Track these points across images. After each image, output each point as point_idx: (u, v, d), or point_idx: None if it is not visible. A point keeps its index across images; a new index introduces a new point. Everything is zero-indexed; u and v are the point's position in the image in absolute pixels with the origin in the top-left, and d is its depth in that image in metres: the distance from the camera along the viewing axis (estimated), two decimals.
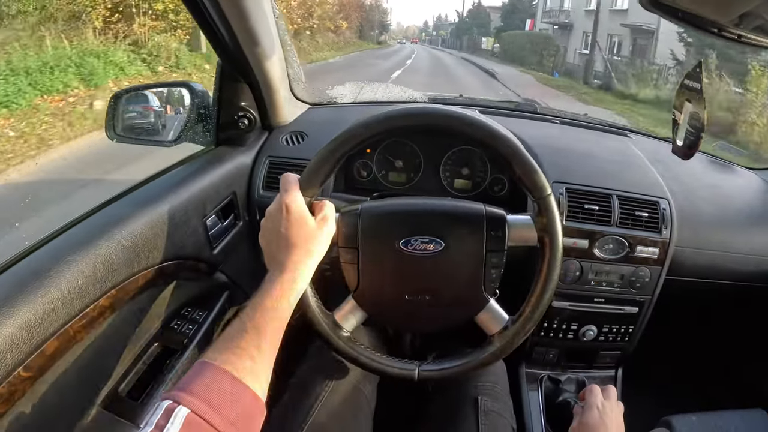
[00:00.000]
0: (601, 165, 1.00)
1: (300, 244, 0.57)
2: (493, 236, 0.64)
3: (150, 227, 0.72)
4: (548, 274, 0.63)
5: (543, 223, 0.63)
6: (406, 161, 0.99)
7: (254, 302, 0.52)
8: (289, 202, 0.58)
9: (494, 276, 0.65)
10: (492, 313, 0.67)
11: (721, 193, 1.09)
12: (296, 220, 0.58)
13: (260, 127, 0.99)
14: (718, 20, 0.76)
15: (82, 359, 0.65)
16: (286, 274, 0.55)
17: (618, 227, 0.91)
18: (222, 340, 0.48)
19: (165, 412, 0.41)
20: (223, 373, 0.45)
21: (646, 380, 1.14)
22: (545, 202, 0.62)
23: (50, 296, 0.56)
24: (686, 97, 0.84)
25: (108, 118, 0.94)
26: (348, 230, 0.64)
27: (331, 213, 0.62)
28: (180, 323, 0.90)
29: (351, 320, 0.67)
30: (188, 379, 0.45)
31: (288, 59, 0.98)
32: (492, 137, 0.61)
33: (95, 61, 5.91)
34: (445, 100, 1.25)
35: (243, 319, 0.50)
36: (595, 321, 0.97)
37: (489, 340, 0.67)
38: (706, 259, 0.99)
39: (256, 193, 0.96)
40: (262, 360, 0.49)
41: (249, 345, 0.48)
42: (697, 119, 0.83)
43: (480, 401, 0.77)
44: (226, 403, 0.43)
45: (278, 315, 0.53)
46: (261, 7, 0.81)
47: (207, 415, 0.41)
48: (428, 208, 0.67)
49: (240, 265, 0.96)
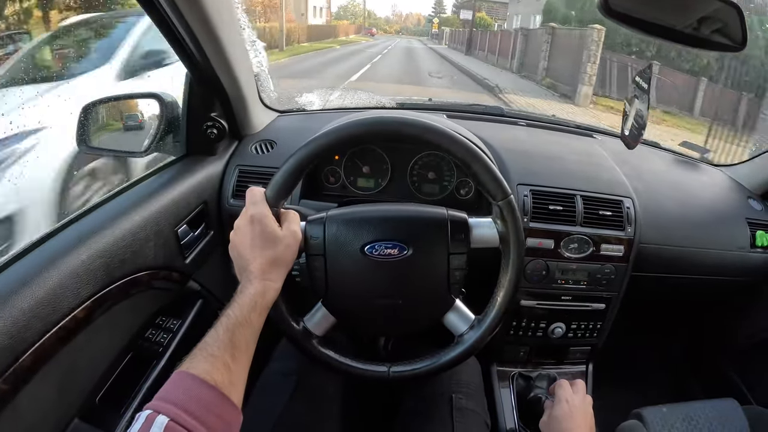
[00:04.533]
0: (566, 166, 1.02)
1: (268, 254, 0.59)
2: (455, 239, 0.66)
3: (122, 238, 0.74)
4: (511, 274, 0.66)
5: (504, 226, 0.66)
6: (373, 167, 1.01)
7: (227, 314, 0.54)
8: (256, 215, 0.60)
9: (458, 277, 0.67)
10: (458, 313, 0.69)
11: (685, 190, 1.12)
12: (263, 232, 0.60)
13: (230, 136, 0.99)
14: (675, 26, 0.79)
15: (58, 371, 0.66)
16: (256, 285, 0.57)
17: (582, 226, 0.93)
18: (199, 350, 0.50)
19: (146, 422, 0.42)
20: (200, 382, 0.47)
21: (617, 374, 1.17)
22: (506, 204, 0.64)
23: (25, 310, 0.57)
24: (635, 93, 0.87)
25: (78, 129, 0.94)
26: (314, 238, 0.66)
27: (296, 222, 0.64)
28: (155, 332, 0.91)
29: (322, 326, 0.69)
30: (167, 389, 0.46)
31: (256, 68, 1.00)
32: (451, 142, 0.63)
33: None
34: (414, 105, 1.26)
35: (218, 330, 0.52)
36: (563, 318, 1.00)
37: (457, 340, 0.69)
38: (670, 254, 1.02)
39: (226, 201, 0.97)
40: (238, 369, 0.51)
41: (224, 354, 0.50)
42: (641, 117, 0.86)
43: (454, 399, 0.79)
44: (204, 411, 0.45)
45: (251, 326, 0.55)
46: (227, 18, 0.82)
47: (186, 423, 0.43)
48: (391, 214, 0.69)
49: (213, 273, 0.97)
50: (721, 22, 0.75)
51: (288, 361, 0.80)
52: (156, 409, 0.43)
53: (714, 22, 0.76)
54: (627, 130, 0.92)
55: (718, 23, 0.75)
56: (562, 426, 0.77)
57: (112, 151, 0.96)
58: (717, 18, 0.75)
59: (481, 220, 0.69)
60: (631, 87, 0.91)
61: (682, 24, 0.77)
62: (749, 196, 1.15)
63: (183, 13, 0.73)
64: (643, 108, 0.85)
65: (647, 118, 0.88)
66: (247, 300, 0.56)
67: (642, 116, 0.85)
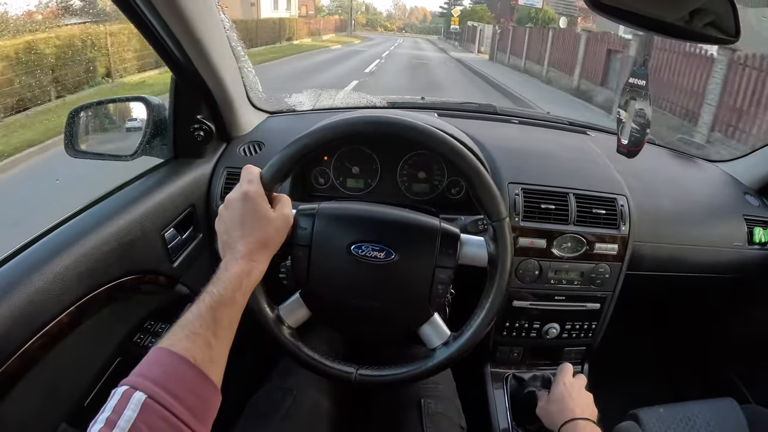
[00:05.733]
0: (559, 164, 1.01)
1: (257, 235, 0.58)
2: (444, 252, 0.65)
3: (107, 243, 0.73)
4: (494, 297, 0.65)
5: (495, 247, 0.65)
6: (363, 167, 1.00)
7: (210, 291, 0.53)
8: (250, 193, 0.59)
9: (440, 291, 0.66)
10: (434, 327, 0.68)
11: (680, 186, 1.10)
12: (255, 210, 0.59)
13: (218, 138, 0.99)
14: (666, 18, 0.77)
15: (44, 376, 0.66)
16: (242, 265, 0.56)
17: (576, 225, 0.92)
18: (179, 326, 0.49)
19: (122, 398, 0.41)
20: (179, 358, 0.45)
21: (613, 375, 1.15)
22: (500, 226, 0.64)
23: (6, 317, 0.57)
24: (631, 95, 0.85)
25: (66, 134, 0.93)
26: (302, 229, 0.65)
27: (289, 207, 0.64)
28: (143, 336, 0.91)
29: (295, 316, 0.68)
30: (145, 365, 0.45)
31: (243, 69, 0.99)
32: (455, 154, 0.63)
33: None
34: (405, 104, 1.25)
35: (200, 307, 0.51)
36: (557, 319, 0.99)
37: (428, 354, 0.68)
38: (665, 253, 1.01)
39: (214, 204, 0.96)
40: (219, 347, 0.50)
41: (206, 332, 0.49)
42: (643, 116, 0.84)
43: (423, 403, 0.78)
44: (182, 389, 0.44)
45: (234, 304, 0.54)
46: (208, 18, 0.81)
47: (164, 400, 0.42)
48: (384, 216, 0.68)
49: (201, 276, 0.96)
50: (714, 14, 0.74)
51: (288, 378, 0.80)
52: (133, 385, 0.42)
53: (706, 15, 0.74)
54: (625, 138, 0.89)
55: (710, 15, 0.74)
56: (561, 406, 0.77)
57: (100, 156, 0.95)
58: (710, 10, 0.73)
59: (473, 238, 0.68)
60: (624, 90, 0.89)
61: (674, 17, 0.75)
62: (746, 192, 1.14)
63: (162, 15, 0.72)
64: (645, 105, 0.83)
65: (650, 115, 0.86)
66: (232, 278, 0.55)
67: (644, 115, 0.83)
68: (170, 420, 0.41)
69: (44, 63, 5.00)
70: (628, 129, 0.89)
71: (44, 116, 4.43)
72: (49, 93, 4.99)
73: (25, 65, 4.73)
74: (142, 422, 0.39)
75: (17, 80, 4.56)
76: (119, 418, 0.39)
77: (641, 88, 0.87)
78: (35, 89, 4.71)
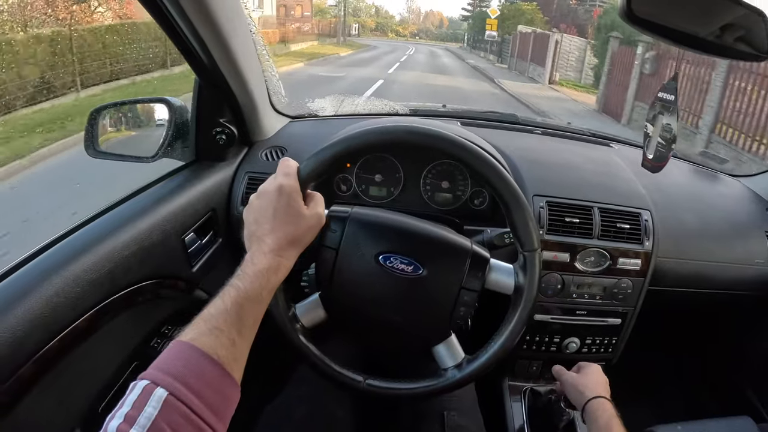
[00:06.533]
0: (583, 176, 1.00)
1: (288, 230, 0.56)
2: (472, 275, 0.65)
3: (128, 247, 0.72)
4: (514, 326, 0.64)
5: (523, 277, 0.64)
6: (386, 175, 0.99)
7: (236, 285, 0.51)
8: (285, 187, 0.57)
9: (462, 313, 0.65)
10: (450, 347, 0.67)
11: (703, 202, 1.09)
12: (289, 205, 0.57)
13: (239, 142, 0.98)
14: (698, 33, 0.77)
15: (60, 381, 0.65)
16: (270, 260, 0.54)
17: (599, 239, 0.91)
18: (202, 320, 0.47)
19: (143, 393, 0.40)
20: (202, 354, 0.44)
21: (630, 390, 1.14)
22: (531, 257, 0.63)
23: (26, 320, 0.56)
24: (660, 110, 0.85)
25: (87, 134, 0.93)
26: (333, 231, 0.65)
27: (322, 206, 0.62)
28: (160, 341, 0.90)
29: (310, 316, 0.67)
30: (167, 359, 0.44)
31: (267, 73, 0.98)
32: (499, 179, 0.63)
33: None
34: (428, 111, 1.24)
35: (225, 301, 0.49)
36: (577, 333, 0.97)
37: (440, 373, 0.67)
38: (688, 269, 1.00)
39: (235, 209, 0.95)
40: (242, 345, 0.48)
41: (231, 329, 0.47)
42: (669, 131, 0.84)
43: (446, 416, 0.77)
44: (204, 386, 0.43)
45: (260, 303, 0.52)
46: (236, 22, 0.80)
47: (185, 397, 0.41)
48: (417, 230, 0.67)
49: (220, 282, 0.94)
50: (745, 29, 0.73)
51: (304, 386, 0.79)
52: (154, 380, 0.41)
53: (737, 30, 0.74)
54: (651, 152, 0.89)
55: (741, 30, 0.73)
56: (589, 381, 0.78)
57: (121, 157, 0.94)
58: (740, 25, 0.73)
59: (503, 265, 0.67)
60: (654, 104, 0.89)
61: (705, 31, 0.75)
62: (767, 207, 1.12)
63: (190, 18, 0.71)
64: (672, 121, 0.83)
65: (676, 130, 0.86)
66: (259, 274, 0.53)
67: (670, 130, 0.83)
68: (191, 418, 0.40)
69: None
70: (654, 144, 0.88)
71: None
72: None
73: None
74: (162, 420, 0.38)
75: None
76: (139, 414, 0.38)
77: (670, 103, 0.86)
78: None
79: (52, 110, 5.44)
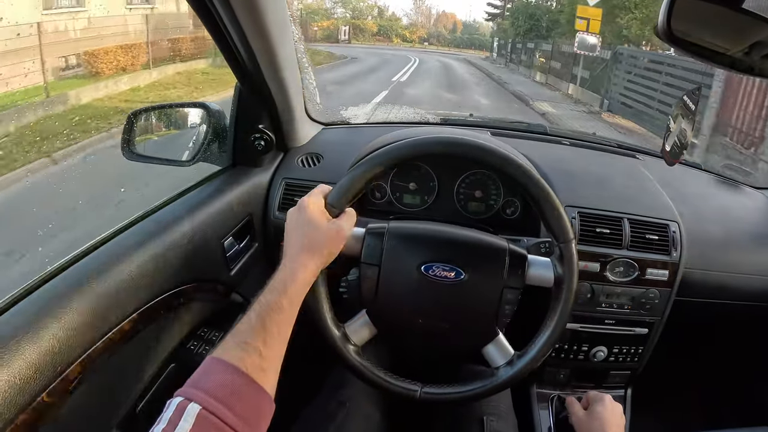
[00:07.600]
0: (613, 188, 1.01)
1: (305, 243, 0.60)
2: (512, 273, 0.67)
3: (170, 250, 0.73)
4: (559, 317, 0.66)
5: (561, 268, 0.66)
6: (420, 184, 1.00)
7: (259, 299, 0.54)
8: (304, 202, 0.62)
9: (507, 311, 0.67)
10: (499, 346, 0.69)
11: (729, 213, 1.11)
12: (309, 220, 0.60)
13: (276, 147, 0.99)
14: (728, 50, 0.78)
15: (101, 382, 0.66)
16: (284, 270, 0.58)
17: (629, 250, 0.93)
18: (231, 336, 0.50)
19: (177, 410, 0.42)
20: (230, 367, 0.46)
21: (653, 400, 1.15)
22: (567, 248, 0.65)
23: (73, 322, 0.57)
24: (681, 112, 0.87)
25: (124, 137, 0.93)
26: (372, 247, 0.66)
27: (347, 219, 0.64)
28: (197, 344, 0.90)
29: (360, 334, 0.69)
30: (199, 376, 0.46)
31: (304, 80, 0.99)
32: (527, 177, 0.65)
33: None
34: (456, 120, 1.26)
35: (251, 316, 0.52)
36: (605, 342, 0.99)
37: (492, 372, 0.68)
38: (714, 280, 1.01)
39: (272, 214, 0.96)
40: (270, 355, 0.50)
41: (256, 341, 0.49)
42: (684, 137, 0.86)
43: (486, 421, 0.78)
44: (234, 398, 0.44)
45: (282, 311, 0.54)
46: (283, 31, 0.81)
47: (218, 411, 0.42)
48: (454, 236, 0.69)
49: (256, 285, 0.95)
50: None
51: (341, 390, 0.80)
52: (187, 396, 0.43)
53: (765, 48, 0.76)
54: (669, 146, 0.92)
55: None
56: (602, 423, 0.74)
57: (158, 160, 0.95)
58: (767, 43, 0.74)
59: (541, 259, 0.69)
60: (678, 104, 0.91)
61: (735, 49, 0.77)
62: None
63: (241, 25, 0.72)
64: (688, 128, 0.86)
65: (690, 138, 0.88)
66: (277, 284, 0.56)
67: (685, 136, 0.86)
68: (224, 430, 0.42)
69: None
70: (672, 140, 0.91)
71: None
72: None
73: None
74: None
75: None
76: (174, 429, 0.40)
77: (690, 112, 0.89)
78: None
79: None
